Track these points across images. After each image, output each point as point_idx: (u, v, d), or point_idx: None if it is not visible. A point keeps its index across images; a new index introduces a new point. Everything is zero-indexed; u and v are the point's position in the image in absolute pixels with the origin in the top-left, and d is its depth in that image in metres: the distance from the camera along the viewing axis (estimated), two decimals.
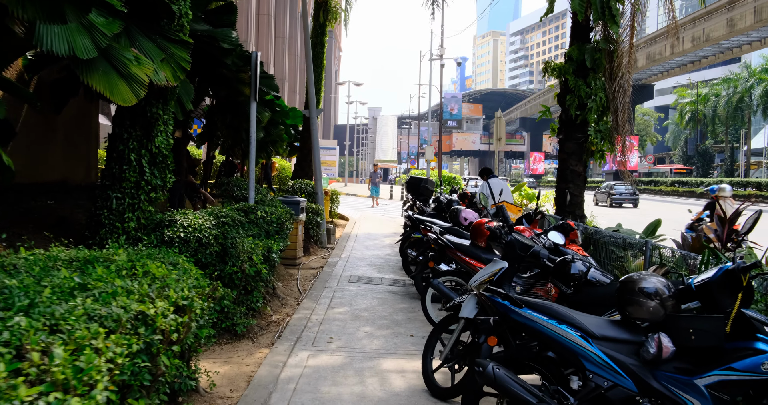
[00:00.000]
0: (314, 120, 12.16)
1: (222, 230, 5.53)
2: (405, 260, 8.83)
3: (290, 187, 12.89)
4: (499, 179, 9.85)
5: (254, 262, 5.69)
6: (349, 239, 13.14)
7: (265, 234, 6.89)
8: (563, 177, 10.36)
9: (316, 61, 15.14)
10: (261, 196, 8.67)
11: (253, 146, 8.13)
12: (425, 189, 11.78)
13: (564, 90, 10.33)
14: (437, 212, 10.16)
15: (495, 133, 16.76)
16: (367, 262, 10.40)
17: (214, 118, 10.39)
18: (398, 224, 17.07)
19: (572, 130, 10.26)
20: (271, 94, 9.56)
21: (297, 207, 9.57)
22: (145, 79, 4.53)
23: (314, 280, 8.61)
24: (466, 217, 8.27)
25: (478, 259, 5.72)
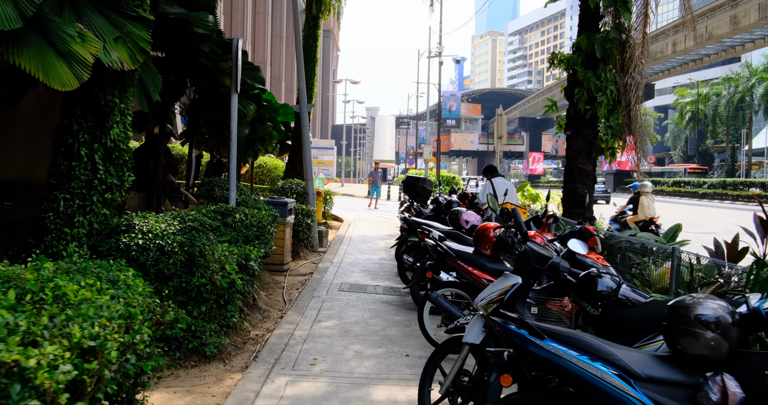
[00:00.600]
0: (305, 115, 11.44)
1: (189, 236, 4.80)
2: (401, 266, 8.11)
3: (280, 187, 12.16)
4: (503, 179, 9.12)
5: (227, 273, 4.97)
6: (342, 242, 12.42)
7: (243, 239, 6.17)
8: (571, 176, 9.66)
9: (308, 55, 14.42)
10: (244, 197, 7.96)
11: (234, 142, 7.40)
12: (423, 189, 11.06)
13: (572, 83, 9.62)
14: (436, 214, 9.45)
15: (496, 130, 16.06)
16: (360, 268, 9.68)
17: (196, 113, 9.65)
18: (395, 226, 16.35)
19: (581, 126, 9.56)
20: (257, 86, 8.85)
21: (284, 208, 8.85)
22: (89, 59, 3.81)
23: (302, 289, 7.90)
24: (468, 219, 7.58)
25: (483, 270, 5.01)
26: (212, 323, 5.00)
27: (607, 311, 3.38)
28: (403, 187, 11.64)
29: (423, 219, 9.15)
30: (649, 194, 12.37)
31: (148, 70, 5.95)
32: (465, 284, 5.25)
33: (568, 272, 3.56)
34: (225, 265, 5.01)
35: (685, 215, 26.78)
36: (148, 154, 8.89)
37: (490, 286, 3.57)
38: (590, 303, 3.43)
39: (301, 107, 11.33)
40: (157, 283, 4.58)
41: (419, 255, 7.37)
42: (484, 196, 8.96)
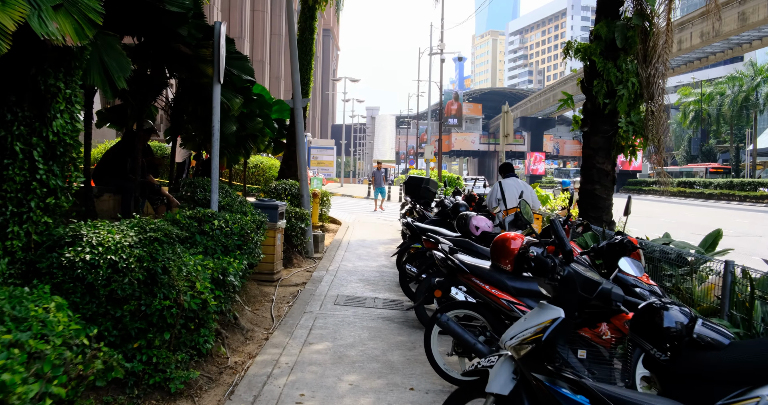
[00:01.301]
0: (299, 110, 10.63)
1: (149, 249, 3.99)
2: (403, 276, 7.29)
3: (272, 188, 11.35)
4: (517, 179, 8.29)
5: (198, 292, 4.16)
6: (339, 247, 11.61)
7: (222, 250, 5.36)
8: (588, 176, 8.85)
9: (304, 48, 13.62)
10: (229, 200, 7.14)
11: (216, 139, 6.59)
12: (426, 191, 10.25)
13: (590, 74, 8.81)
14: (441, 218, 8.64)
15: (502, 128, 15.23)
16: (358, 277, 8.87)
17: (180, 108, 8.85)
18: (395, 229, 15.53)
19: (599, 122, 8.75)
20: (245, 77, 8.03)
21: (274, 212, 8.04)
22: (9, 27, 3.00)
23: (293, 302, 7.08)
24: (478, 225, 6.77)
25: (502, 289, 4.20)
26: (180, 352, 4.19)
27: (677, 355, 2.57)
28: (404, 188, 10.82)
29: (427, 224, 8.35)
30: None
31: (113, 52, 5.14)
32: (480, 305, 4.44)
33: (623, 302, 2.77)
34: (196, 282, 4.20)
35: (693, 217, 25.98)
36: (126, 152, 8.09)
37: (521, 320, 2.76)
38: (655, 344, 2.62)
39: (295, 102, 10.52)
40: (108, 307, 3.77)
41: (424, 265, 6.55)
42: (494, 199, 8.15)
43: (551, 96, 76.11)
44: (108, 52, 5.03)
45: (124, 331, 3.84)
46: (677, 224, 20.09)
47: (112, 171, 8.09)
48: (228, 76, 7.99)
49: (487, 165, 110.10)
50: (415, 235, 7.18)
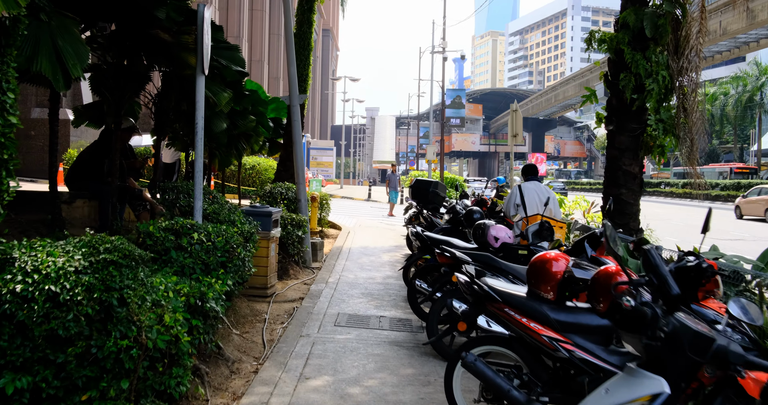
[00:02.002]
0: (296, 107, 9.81)
1: (103, 276, 3.17)
2: (412, 293, 6.46)
3: (267, 192, 10.53)
4: (538, 183, 7.46)
5: (168, 326, 3.35)
6: (340, 256, 10.79)
7: (202, 268, 4.54)
8: (613, 180, 8.04)
9: (301, 42, 12.82)
10: (215, 207, 6.32)
11: (200, 138, 5.78)
12: (435, 195, 9.43)
13: (616, 67, 8.01)
14: (452, 225, 7.84)
15: (510, 128, 14.44)
16: (361, 290, 8.05)
17: (165, 104, 8.02)
18: (399, 234, 14.73)
19: (626, 119, 7.95)
20: (235, 69, 7.21)
21: (267, 220, 7.23)
22: None
23: (287, 323, 6.26)
24: (497, 235, 5.96)
25: (543, 322, 3.38)
26: (145, 400, 3.38)
27: None
28: (411, 192, 9.98)
29: (437, 232, 7.55)
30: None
31: (70, 37, 4.34)
32: (514, 340, 3.62)
33: (745, 363, 1.98)
34: (165, 314, 3.39)
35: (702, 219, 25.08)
36: (103, 153, 7.28)
37: (601, 392, 1.94)
38: None
39: (292, 98, 9.71)
40: (47, 351, 2.96)
41: (438, 282, 5.73)
42: (512, 206, 7.33)
43: (552, 96, 75.37)
44: (63, 36, 4.23)
45: (69, 380, 3.02)
46: (691, 228, 19.29)
47: (88, 174, 7.28)
48: (215, 67, 7.18)
49: (487, 166, 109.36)
50: (425, 246, 6.37)
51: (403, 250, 11.84)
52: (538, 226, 5.97)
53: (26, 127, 20.38)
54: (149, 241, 4.56)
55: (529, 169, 7.63)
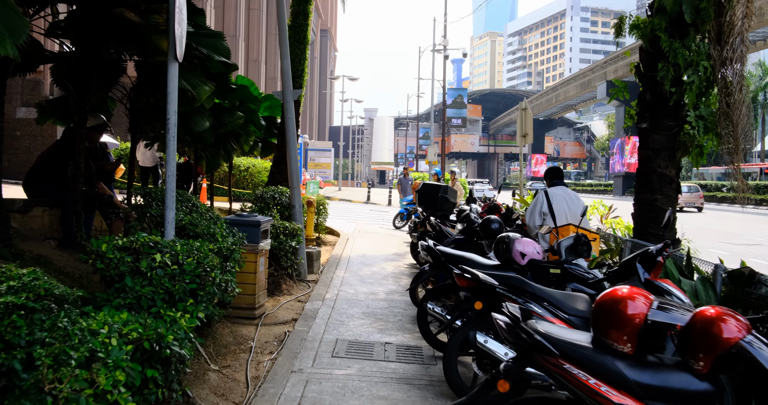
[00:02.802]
0: (290, 104, 8.88)
1: (1, 328, 2.25)
2: (422, 317, 5.52)
3: (258, 196, 9.60)
4: (566, 188, 6.54)
5: (103, 390, 2.43)
6: (338, 266, 9.86)
7: (165, 298, 3.62)
8: (647, 184, 7.13)
9: (297, 35, 11.90)
10: (193, 218, 5.40)
11: (172, 135, 4.87)
12: (444, 201, 8.51)
13: (650, 57, 7.11)
14: (466, 236, 6.93)
15: (519, 127, 13.52)
16: (362, 309, 7.13)
17: (140, 99, 7.09)
18: (401, 241, 13.82)
19: (662, 116, 7.05)
20: (217, 59, 6.29)
21: (255, 231, 6.31)
22: None
23: (277, 353, 5.34)
24: (524, 251, 5.05)
25: (617, 384, 2.45)
26: None
27: None
28: (418, 197, 9.04)
29: (449, 244, 6.64)
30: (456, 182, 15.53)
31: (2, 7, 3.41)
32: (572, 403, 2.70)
33: None
34: (100, 374, 2.47)
35: (714, 222, 24.33)
36: (66, 154, 6.35)
37: None
38: None
39: (285, 93, 8.78)
40: None
41: (457, 310, 4.79)
42: (537, 214, 6.41)
43: (553, 97, 74.53)
44: None
45: None
46: (701, 231, 18.42)
47: (49, 178, 6.36)
48: (195, 57, 6.28)
49: (486, 167, 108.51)
50: (438, 263, 5.45)
51: (407, 259, 10.92)
52: (573, 240, 5.07)
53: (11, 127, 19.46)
54: (100, 263, 3.64)
55: (554, 173, 6.71)
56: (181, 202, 5.83)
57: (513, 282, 4.35)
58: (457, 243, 6.79)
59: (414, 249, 10.40)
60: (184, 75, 5.94)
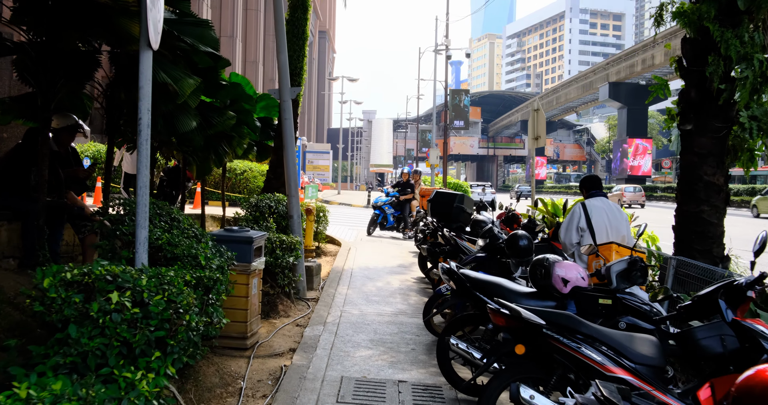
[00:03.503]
0: (288, 103, 8.06)
1: None
2: (442, 353, 4.67)
3: (253, 205, 8.75)
4: (606, 199, 5.69)
5: None
6: (340, 281, 9.01)
7: (123, 353, 2.77)
8: (691, 193, 6.30)
9: (295, 30, 11.08)
10: (173, 236, 4.56)
11: (145, 137, 4.05)
12: (459, 212, 7.66)
13: (696, 49, 6.28)
14: (488, 254, 6.08)
15: (531, 130, 12.70)
16: (369, 335, 6.28)
17: (117, 95, 6.23)
18: (406, 250, 12.97)
19: (709, 116, 6.21)
20: (203, 50, 5.46)
21: (246, 248, 5.47)
22: None
23: (271, 397, 4.49)
24: (567, 277, 4.23)
25: None
26: None
27: None
28: (430, 207, 8.16)
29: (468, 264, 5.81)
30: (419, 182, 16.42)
31: None
32: None
33: None
34: None
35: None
36: (29, 159, 5.51)
37: None
38: None
39: (282, 91, 7.95)
40: None
41: (494, 353, 3.93)
42: (574, 230, 5.56)
43: (554, 99, 73.78)
44: None
45: None
46: None
47: (8, 187, 5.51)
48: (179, 48, 5.45)
49: (486, 170, 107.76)
50: (462, 290, 4.60)
51: (413, 272, 10.08)
52: (626, 264, 4.23)
53: None
54: (38, 305, 2.79)
55: (591, 182, 5.85)
56: (160, 215, 4.98)
57: (563, 320, 3.50)
58: (479, 262, 5.95)
59: (422, 261, 9.56)
60: (164, 67, 5.10)
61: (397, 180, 17.11)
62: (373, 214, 16.11)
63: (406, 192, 15.89)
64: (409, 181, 16.27)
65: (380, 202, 15.93)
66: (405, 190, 15.98)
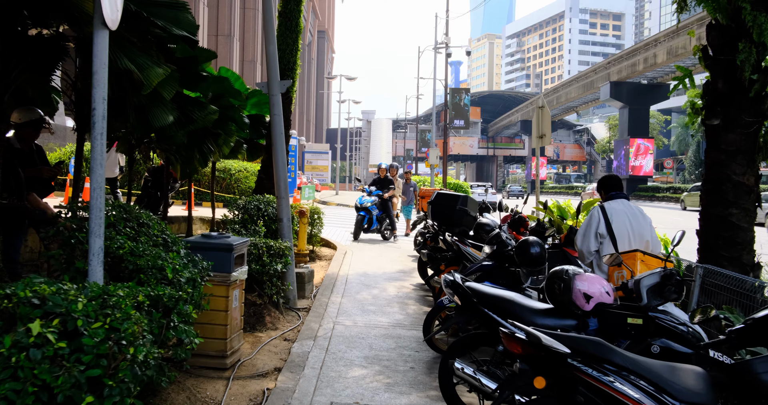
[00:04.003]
0: (277, 98, 7.48)
1: None
2: (445, 378, 4.09)
3: (240, 207, 8.19)
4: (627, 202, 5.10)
5: None
6: (334, 288, 8.43)
7: (42, 400, 2.18)
8: (719, 194, 5.71)
9: (288, 23, 10.51)
10: (137, 244, 3.98)
11: (100, 130, 3.47)
12: (462, 215, 7.07)
13: (725, 35, 5.70)
14: (496, 262, 5.51)
15: (535, 128, 12.15)
16: (363, 351, 5.70)
17: (88, 88, 5.66)
18: (405, 254, 12.39)
19: (738, 109, 5.63)
20: (178, 33, 4.88)
21: (226, 257, 4.89)
22: None
23: None
24: (590, 292, 3.68)
25: None
26: None
27: None
28: (431, 210, 7.55)
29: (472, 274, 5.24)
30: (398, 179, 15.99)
31: None
32: None
33: None
34: None
35: None
36: None
37: None
38: None
39: (271, 84, 7.37)
40: None
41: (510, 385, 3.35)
42: (592, 236, 4.98)
43: (554, 99, 73.17)
44: None
45: None
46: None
47: None
48: (148, 33, 4.88)
49: (485, 170, 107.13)
50: (468, 306, 4.02)
51: (413, 278, 9.50)
52: (659, 277, 3.65)
53: None
54: None
55: (612, 182, 5.25)
56: (126, 220, 4.40)
57: (592, 348, 2.93)
58: (484, 271, 5.37)
59: (422, 266, 8.99)
60: (128, 53, 4.54)
61: (374, 177, 15.57)
62: (358, 216, 14.48)
63: (388, 189, 14.72)
64: (387, 177, 15.09)
65: (366, 203, 14.43)
66: (386, 187, 14.76)
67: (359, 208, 14.47)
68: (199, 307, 4.08)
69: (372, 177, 18.46)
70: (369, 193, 14.69)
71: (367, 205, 14.34)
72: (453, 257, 6.72)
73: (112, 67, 4.56)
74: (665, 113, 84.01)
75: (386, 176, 15.10)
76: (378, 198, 14.46)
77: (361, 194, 15.04)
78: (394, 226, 14.71)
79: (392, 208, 14.69)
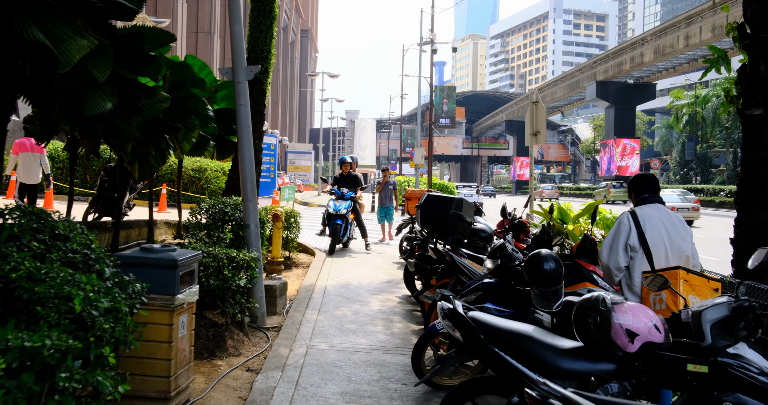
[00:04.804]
0: (243, 85, 6.52)
1: None
2: None
3: (204, 210, 7.22)
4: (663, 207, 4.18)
5: None
6: (310, 303, 7.48)
7: None
8: (759, 197, 4.86)
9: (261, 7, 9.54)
10: (33, 266, 3.02)
11: None
12: (457, 220, 6.12)
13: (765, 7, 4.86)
14: (500, 279, 4.60)
15: (529, 125, 11.29)
16: (340, 385, 4.76)
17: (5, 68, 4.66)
18: (390, 261, 11.47)
19: None
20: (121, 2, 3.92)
21: (169, 276, 3.93)
22: None
23: None
24: (634, 328, 2.83)
25: None
26: None
27: None
28: (420, 214, 6.59)
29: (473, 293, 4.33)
30: None
31: None
32: None
33: None
34: None
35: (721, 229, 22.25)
36: None
37: None
38: None
39: (236, 70, 6.41)
40: None
41: None
42: (620, 248, 4.07)
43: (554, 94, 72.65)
44: None
45: None
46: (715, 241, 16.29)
47: None
48: None
49: (470, 170, 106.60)
50: (473, 343, 3.11)
51: (399, 289, 8.59)
52: (727, 309, 2.76)
53: None
54: None
55: (646, 183, 4.27)
56: (35, 231, 3.45)
57: None
58: (486, 290, 4.47)
59: (408, 277, 8.07)
60: (41, 19, 3.58)
61: (337, 174, 13.27)
62: (334, 225, 11.89)
63: (356, 189, 12.74)
64: (351, 173, 13.04)
65: (343, 210, 12.01)
66: (354, 186, 12.75)
67: (335, 215, 11.99)
68: (125, 345, 3.14)
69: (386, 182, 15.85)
70: (342, 196, 12.43)
71: (343, 211, 12.03)
72: (446, 269, 5.81)
73: (19, 37, 3.61)
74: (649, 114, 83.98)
75: (350, 172, 13.06)
76: (351, 200, 12.43)
77: (331, 198, 12.74)
78: (365, 233, 13.00)
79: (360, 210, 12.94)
